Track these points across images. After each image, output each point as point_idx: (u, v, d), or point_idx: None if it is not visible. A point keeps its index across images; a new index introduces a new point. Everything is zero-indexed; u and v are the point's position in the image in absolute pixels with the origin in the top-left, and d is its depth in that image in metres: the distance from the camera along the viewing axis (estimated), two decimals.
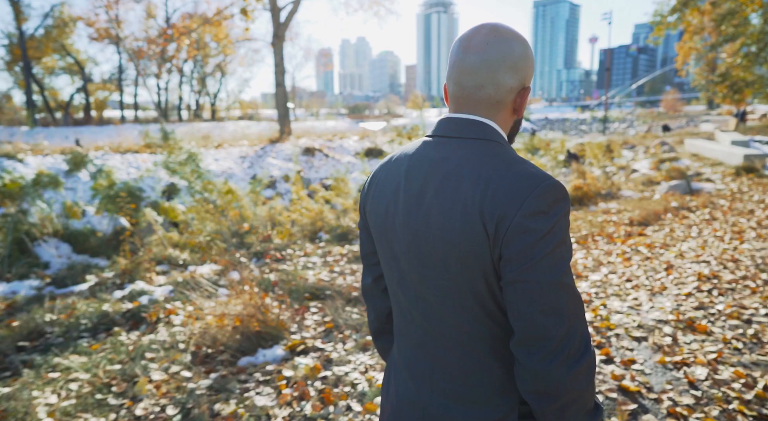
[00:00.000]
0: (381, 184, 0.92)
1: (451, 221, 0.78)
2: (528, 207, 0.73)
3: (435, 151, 0.85)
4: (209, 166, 14.17)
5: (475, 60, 0.82)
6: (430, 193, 0.81)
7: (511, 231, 0.73)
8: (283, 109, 18.13)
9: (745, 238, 5.31)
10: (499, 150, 0.82)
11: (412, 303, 0.89)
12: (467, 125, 0.84)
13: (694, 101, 77.23)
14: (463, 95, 0.85)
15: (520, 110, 0.88)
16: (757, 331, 2.98)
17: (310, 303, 3.65)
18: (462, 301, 0.82)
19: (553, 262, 0.74)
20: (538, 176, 0.76)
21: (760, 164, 10.90)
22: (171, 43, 21.99)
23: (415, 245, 0.84)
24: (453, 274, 0.80)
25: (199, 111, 51.92)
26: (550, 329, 0.74)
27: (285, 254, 6.06)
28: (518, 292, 0.75)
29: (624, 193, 9.76)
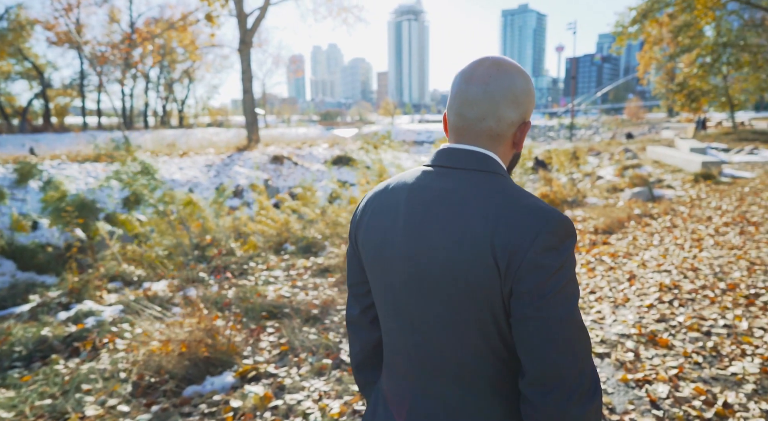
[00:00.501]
0: (376, 212, 0.90)
1: (458, 254, 0.77)
2: (540, 243, 0.73)
3: (438, 182, 0.83)
4: (174, 176, 13.76)
5: (477, 92, 0.83)
6: (435, 225, 0.80)
7: (524, 267, 0.73)
8: (251, 117, 17.82)
9: (703, 245, 5.40)
10: (504, 183, 0.81)
11: (408, 336, 0.87)
12: (470, 156, 0.84)
13: (655, 109, 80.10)
14: (463, 126, 0.85)
15: (519, 144, 0.88)
16: (716, 343, 2.98)
17: (267, 322, 3.49)
18: (465, 335, 0.80)
19: (565, 298, 0.74)
20: (549, 211, 0.76)
21: (717, 171, 11.26)
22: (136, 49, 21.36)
23: (416, 278, 0.82)
24: (457, 308, 0.79)
25: (166, 118, 50.74)
26: (564, 368, 0.73)
27: (247, 267, 5.86)
28: (531, 329, 0.74)
29: (589, 201, 9.91)
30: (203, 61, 42.95)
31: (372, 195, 0.94)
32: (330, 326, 3.34)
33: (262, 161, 15.72)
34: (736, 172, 11.86)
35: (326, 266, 5.39)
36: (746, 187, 9.47)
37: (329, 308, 3.68)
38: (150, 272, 5.57)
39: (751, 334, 3.11)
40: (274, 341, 3.16)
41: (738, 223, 6.48)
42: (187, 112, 54.66)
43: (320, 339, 3.01)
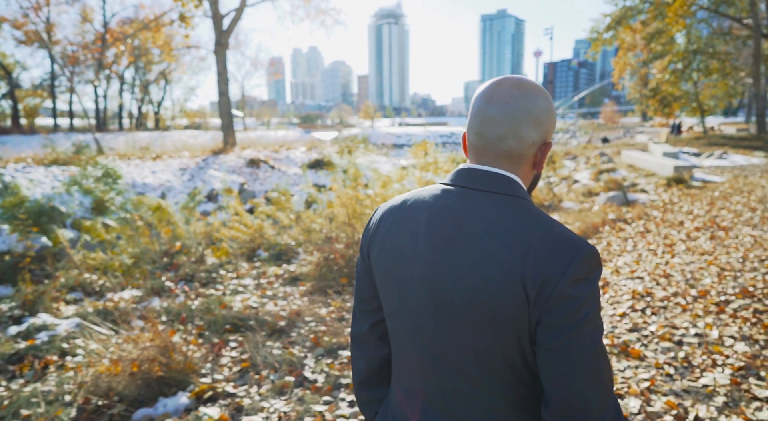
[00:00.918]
0: (393, 229, 0.88)
1: (485, 281, 0.76)
2: (571, 274, 0.73)
3: (461, 203, 0.82)
4: (146, 180, 13.40)
5: (498, 111, 0.82)
6: (459, 249, 0.79)
7: (555, 297, 0.73)
8: (227, 119, 17.51)
9: (675, 251, 5.43)
10: (529, 208, 0.81)
11: (426, 357, 0.86)
12: (492, 179, 0.83)
13: (630, 113, 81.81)
14: (483, 146, 0.85)
15: (539, 165, 0.87)
16: (687, 354, 2.94)
17: (230, 336, 3.33)
18: (488, 361, 0.80)
19: (593, 329, 0.74)
20: (578, 242, 0.76)
21: (688, 175, 11.47)
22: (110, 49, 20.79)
23: (437, 302, 0.81)
24: (482, 334, 0.78)
25: (142, 120, 49.70)
26: (591, 400, 0.74)
27: (216, 275, 5.67)
28: (559, 359, 0.74)
29: (565, 205, 9.97)
30: (180, 63, 42.23)
31: (387, 210, 0.92)
32: (296, 340, 3.20)
33: (238, 165, 15.45)
34: (706, 176, 12.10)
35: (298, 274, 5.25)
36: (716, 192, 9.64)
37: (296, 320, 3.55)
38: (113, 282, 5.34)
39: (721, 343, 3.08)
40: (237, 356, 3.01)
41: (709, 227, 6.56)
42: (164, 114, 53.69)
43: (284, 355, 2.88)
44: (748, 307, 3.66)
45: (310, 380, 2.65)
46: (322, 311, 3.80)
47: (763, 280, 4.27)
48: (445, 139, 52.28)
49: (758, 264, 4.73)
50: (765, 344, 3.05)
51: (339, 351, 3.00)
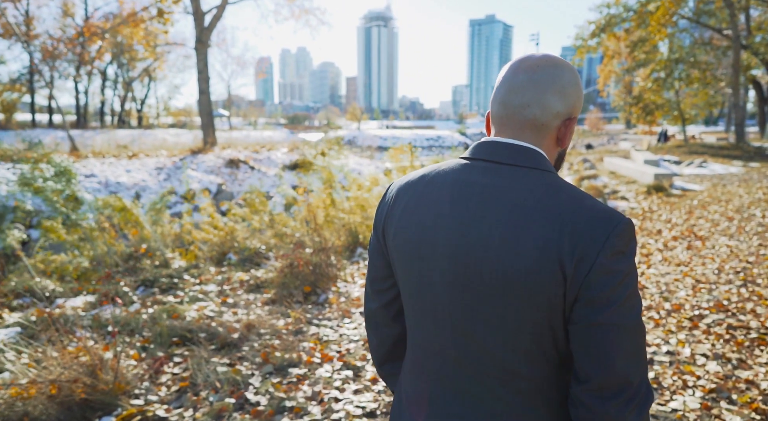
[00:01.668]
0: (411, 206, 0.85)
1: (519, 257, 0.73)
2: (610, 248, 0.71)
3: (485, 178, 0.79)
4: (119, 179, 13.03)
5: (524, 79, 0.81)
6: (490, 224, 0.76)
7: (594, 272, 0.70)
8: (207, 118, 17.16)
9: (651, 261, 5.33)
10: (559, 182, 0.77)
11: (447, 336, 0.83)
12: (518, 152, 0.80)
13: (614, 120, 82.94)
14: (507, 115, 0.82)
15: (564, 140, 0.84)
16: (658, 374, 2.80)
17: (177, 350, 3.11)
18: (516, 338, 0.77)
19: (634, 304, 0.72)
20: (614, 214, 0.74)
21: (668, 183, 11.48)
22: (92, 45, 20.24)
23: (462, 279, 0.78)
24: (512, 311, 0.75)
25: (126, 117, 48.81)
26: (630, 375, 0.72)
27: (178, 280, 5.42)
28: (600, 336, 0.71)
29: None
30: (163, 60, 41.56)
31: (404, 185, 0.89)
32: (246, 355, 2.99)
33: (217, 165, 15.14)
34: (686, 184, 12.14)
35: (263, 281, 5.03)
36: (695, 200, 9.64)
37: (250, 333, 3.33)
38: (65, 287, 5.06)
39: (693, 362, 2.95)
40: (179, 373, 2.79)
41: (686, 237, 6.49)
42: (148, 112, 52.84)
43: (229, 373, 2.66)
44: (721, 322, 3.55)
45: (252, 402, 2.44)
46: (279, 323, 3.60)
47: (738, 293, 4.17)
48: (431, 142, 52.35)
49: (733, 276, 4.64)
50: (737, 363, 2.92)
51: (290, 369, 2.79)
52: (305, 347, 3.08)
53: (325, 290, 4.39)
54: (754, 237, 6.21)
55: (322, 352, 3.02)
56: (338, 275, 4.87)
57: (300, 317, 3.64)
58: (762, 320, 3.54)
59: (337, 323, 3.57)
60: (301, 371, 2.77)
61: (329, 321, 3.62)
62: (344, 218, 6.99)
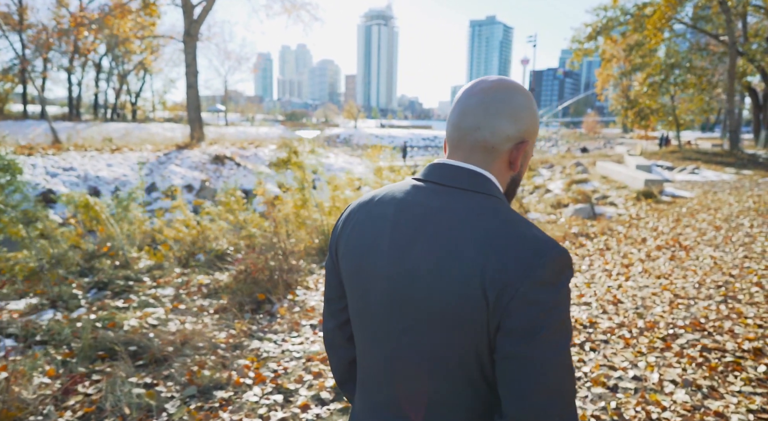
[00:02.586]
0: (359, 226, 0.85)
1: (444, 281, 0.71)
2: (535, 276, 0.68)
3: (429, 200, 0.78)
4: (99, 173, 12.73)
5: (476, 102, 0.81)
6: (422, 246, 0.75)
7: (516, 301, 0.67)
8: (195, 113, 16.85)
9: (631, 273, 5.09)
10: (499, 207, 0.76)
11: (384, 361, 0.82)
12: (465, 175, 0.79)
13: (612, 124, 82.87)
14: (458, 137, 0.82)
15: (516, 165, 0.82)
16: (620, 404, 2.55)
17: (100, 365, 2.84)
18: (444, 366, 0.75)
19: (558, 338, 0.69)
20: (546, 242, 0.71)
21: (658, 190, 11.27)
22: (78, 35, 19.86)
23: (394, 301, 0.77)
24: (439, 337, 0.73)
25: (122, 111, 48.38)
26: (547, 412, 0.68)
27: (135, 283, 5.16)
28: (516, 368, 0.68)
29: (531, 216, 9.64)
30: (160, 54, 41.16)
31: (356, 206, 0.89)
32: (174, 373, 2.73)
33: (202, 161, 14.85)
34: (676, 191, 11.93)
35: (223, 286, 4.77)
36: (684, 208, 9.43)
37: (186, 346, 3.07)
38: (11, 289, 4.78)
39: (660, 389, 2.71)
40: (93, 394, 2.53)
41: (670, 247, 6.26)
42: (143, 105, 52.43)
43: (143, 396, 2.40)
44: (696, 343, 3.31)
45: None
46: (221, 335, 3.34)
47: (717, 310, 3.94)
48: (427, 142, 52.17)
49: (714, 291, 4.41)
50: (708, 391, 2.68)
51: (215, 392, 2.53)
52: (240, 365, 2.83)
53: (280, 299, 4.14)
54: (740, 248, 5.99)
55: (257, 371, 2.77)
56: (299, 282, 4.62)
57: (244, 329, 3.39)
58: (739, 341, 3.31)
59: (282, 337, 3.32)
60: (227, 394, 2.51)
61: (275, 334, 3.37)
62: (318, 219, 6.73)
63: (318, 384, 2.61)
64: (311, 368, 2.81)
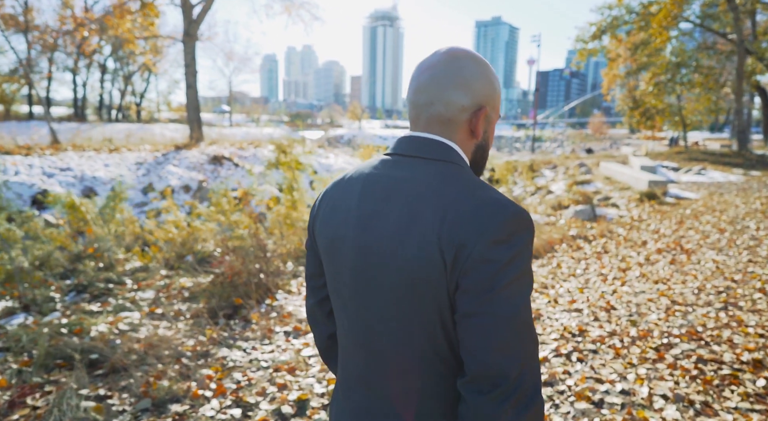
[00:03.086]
0: (332, 203, 0.86)
1: (405, 246, 0.73)
2: (490, 235, 0.68)
3: (393, 171, 0.80)
4: (96, 173, 12.67)
5: (427, 78, 0.81)
6: (385, 217, 0.76)
7: (471, 260, 0.68)
8: (194, 113, 16.78)
9: (627, 277, 4.89)
10: (459, 173, 0.77)
11: (357, 333, 0.83)
12: (427, 145, 0.80)
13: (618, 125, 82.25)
14: (415, 114, 0.84)
15: (477, 132, 0.83)
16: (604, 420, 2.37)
17: (57, 375, 2.70)
18: (409, 335, 0.76)
19: (512, 294, 0.69)
20: (502, 203, 0.72)
21: (662, 191, 11.02)
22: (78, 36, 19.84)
23: (363, 271, 0.79)
24: (403, 304, 0.75)
25: (126, 111, 48.61)
26: (504, 369, 0.67)
27: (116, 286, 5.03)
28: (473, 326, 0.69)
29: None
30: (164, 54, 41.23)
31: (331, 186, 0.90)
32: (130, 385, 2.58)
33: (200, 161, 14.76)
34: (681, 192, 11.67)
35: (202, 289, 4.62)
36: (688, 210, 9.19)
37: (150, 354, 2.92)
38: None
39: (649, 405, 2.52)
40: (42, 407, 2.38)
41: (671, 250, 6.05)
42: (148, 106, 52.65)
43: (89, 412, 2.25)
44: (691, 354, 3.12)
45: None
46: (190, 342, 3.19)
47: (716, 317, 3.74)
48: None
49: (714, 297, 4.20)
50: (701, 408, 2.49)
51: (171, 405, 2.38)
52: (203, 376, 2.67)
53: (259, 303, 3.98)
54: (744, 252, 5.77)
55: (219, 382, 2.61)
56: (281, 286, 4.46)
57: (215, 336, 3.23)
58: (738, 352, 3.11)
59: (253, 345, 3.16)
60: (182, 407, 2.36)
61: (246, 342, 3.21)
62: (307, 220, 6.59)
63: (281, 397, 2.45)
64: (277, 379, 2.65)
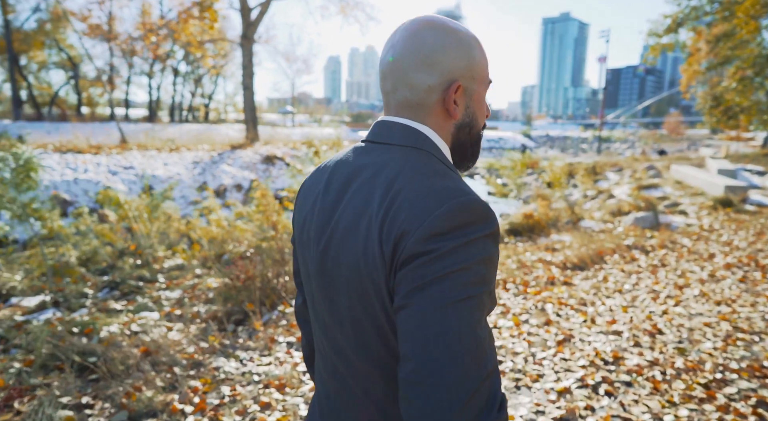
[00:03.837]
0: (304, 192, 0.83)
1: (354, 239, 0.68)
2: (429, 227, 0.61)
3: (358, 159, 0.75)
4: (156, 172, 13.30)
5: (387, 62, 0.76)
6: (343, 207, 0.71)
7: (406, 253, 0.62)
8: (250, 114, 17.27)
9: (684, 296, 4.32)
10: (424, 160, 0.70)
11: (321, 332, 0.79)
12: (396, 130, 0.74)
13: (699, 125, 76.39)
14: (385, 101, 0.78)
15: (453, 111, 0.73)
16: None
17: (50, 379, 2.69)
18: (364, 336, 0.70)
19: (447, 287, 0.59)
20: (452, 191, 0.64)
21: (740, 197, 9.91)
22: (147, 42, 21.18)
23: (320, 267, 0.73)
24: (354, 302, 0.69)
25: (195, 112, 51.41)
26: (439, 367, 0.58)
27: (143, 284, 5.13)
28: (405, 319, 0.61)
29: (584, 225, 8.79)
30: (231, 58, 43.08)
31: (309, 176, 0.86)
32: (118, 391, 2.51)
33: (253, 161, 15.12)
34: (764, 199, 10.45)
35: (221, 291, 4.59)
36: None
37: (145, 360, 2.86)
38: (27, 285, 4.88)
39: None
40: (26, 412, 2.35)
41: (743, 266, 5.33)
42: (217, 107, 55.36)
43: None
44: (749, 395, 2.62)
45: None
46: (191, 349, 3.10)
47: None
48: (492, 143, 50.68)
49: None
50: None
51: (146, 419, 2.27)
52: (190, 387, 2.56)
53: (271, 309, 3.86)
54: None
55: (204, 396, 2.48)
56: None
57: (217, 343, 3.13)
58: None
59: (251, 356, 3.02)
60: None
61: (245, 351, 3.08)
62: None
63: (259, 419, 2.27)
64: (263, 396, 2.48)
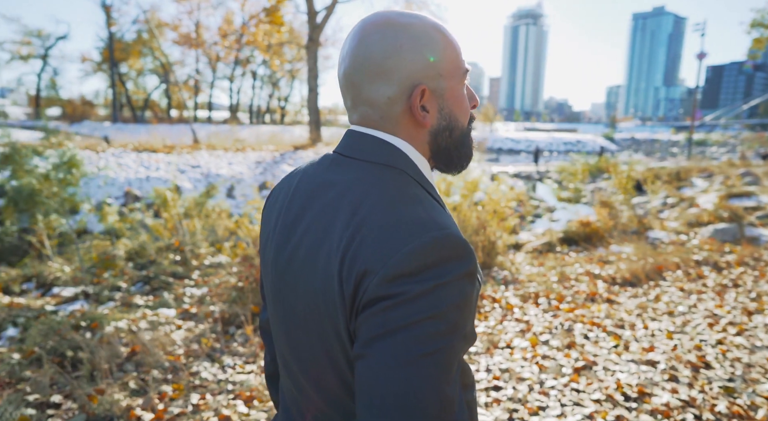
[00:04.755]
0: (271, 200, 0.76)
1: (312, 271, 0.61)
2: (395, 267, 0.54)
3: (326, 173, 0.67)
4: (220, 171, 13.91)
5: (341, 77, 0.68)
6: (303, 227, 0.65)
7: (368, 296, 0.55)
8: (315, 115, 17.62)
9: (751, 324, 3.67)
10: (395, 182, 0.63)
11: (282, 360, 0.73)
12: (366, 144, 0.67)
13: None
14: (349, 117, 0.71)
15: (423, 120, 0.65)
16: None
17: (36, 373, 2.74)
18: (322, 373, 0.64)
19: (413, 338, 0.53)
20: (423, 224, 0.57)
21: None
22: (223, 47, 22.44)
23: (277, 293, 0.68)
24: (311, 337, 0.63)
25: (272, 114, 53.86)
26: None
27: (173, 280, 5.25)
28: (358, 370, 0.55)
29: (651, 235, 7.95)
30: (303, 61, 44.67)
31: (276, 185, 0.79)
32: (87, 393, 2.49)
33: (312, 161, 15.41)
34: None
35: (219, 293, 4.56)
36: None
37: (131, 360, 2.84)
38: (71, 276, 5.17)
39: None
40: None
41: None
42: (291, 109, 57.65)
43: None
44: None
45: None
46: (180, 351, 3.05)
47: None
48: (569, 146, 48.25)
49: None
50: None
51: None
52: (158, 393, 2.49)
53: None
54: None
55: (169, 403, 2.40)
56: None
57: (207, 347, 3.06)
58: None
59: (236, 362, 2.91)
60: None
61: (232, 357, 2.98)
62: None
63: None
64: (225, 409, 2.35)
